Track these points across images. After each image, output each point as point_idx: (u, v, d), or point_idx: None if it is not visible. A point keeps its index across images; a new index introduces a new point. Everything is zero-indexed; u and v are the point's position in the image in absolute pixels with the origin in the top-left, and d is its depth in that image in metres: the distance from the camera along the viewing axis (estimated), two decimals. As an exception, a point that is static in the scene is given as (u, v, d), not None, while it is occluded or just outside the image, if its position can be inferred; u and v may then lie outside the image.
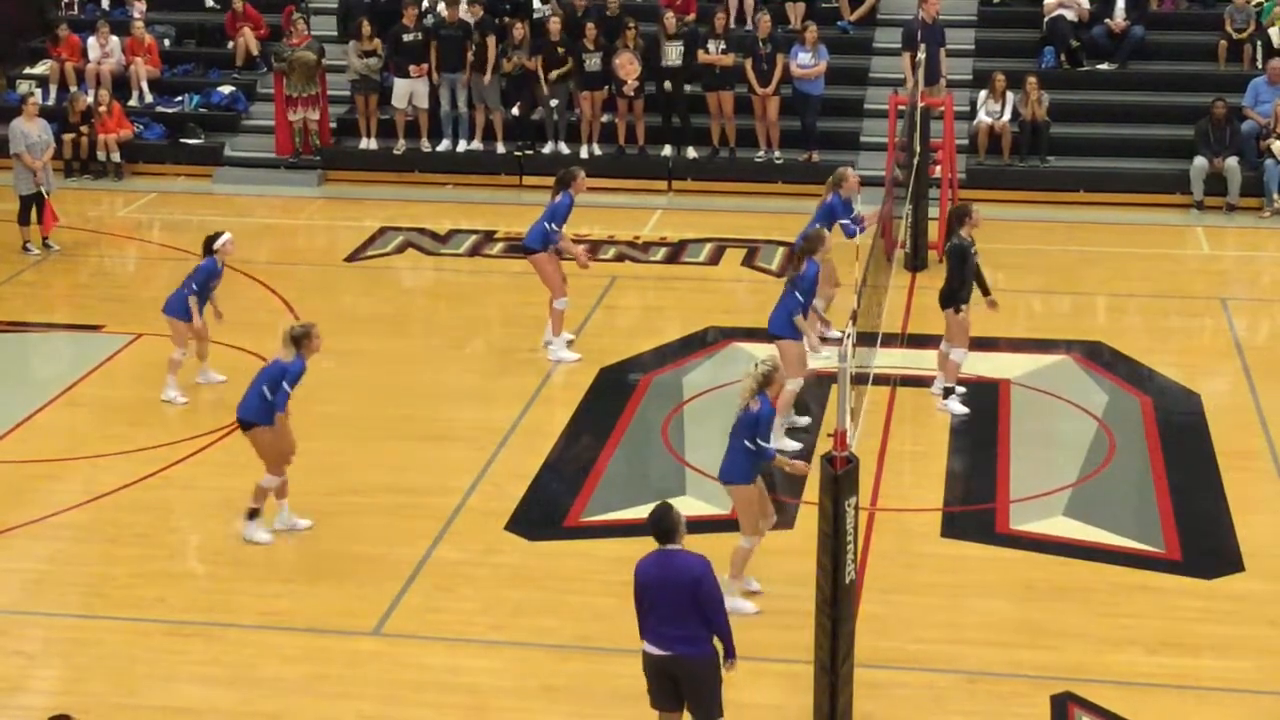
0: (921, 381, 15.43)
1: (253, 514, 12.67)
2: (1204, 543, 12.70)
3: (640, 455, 14.52)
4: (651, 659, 9.32)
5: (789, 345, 13.94)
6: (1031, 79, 21.99)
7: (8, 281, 19.00)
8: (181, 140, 23.86)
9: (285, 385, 12.39)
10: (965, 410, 14.88)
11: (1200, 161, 21.38)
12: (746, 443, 11.24)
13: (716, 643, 9.29)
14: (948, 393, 14.97)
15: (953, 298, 14.73)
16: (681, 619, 9.13)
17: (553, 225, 16.12)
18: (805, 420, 14.56)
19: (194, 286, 15.26)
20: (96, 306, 18.20)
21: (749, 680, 10.32)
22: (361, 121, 23.35)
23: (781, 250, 19.69)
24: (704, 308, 17.95)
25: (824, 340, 15.27)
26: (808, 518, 12.08)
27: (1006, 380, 15.71)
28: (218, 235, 15.36)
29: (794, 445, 14.02)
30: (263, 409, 12.40)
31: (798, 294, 14.00)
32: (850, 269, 15.24)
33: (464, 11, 22.94)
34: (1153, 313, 17.95)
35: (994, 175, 21.99)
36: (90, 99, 23.54)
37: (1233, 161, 21.27)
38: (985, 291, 15.05)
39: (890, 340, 15.79)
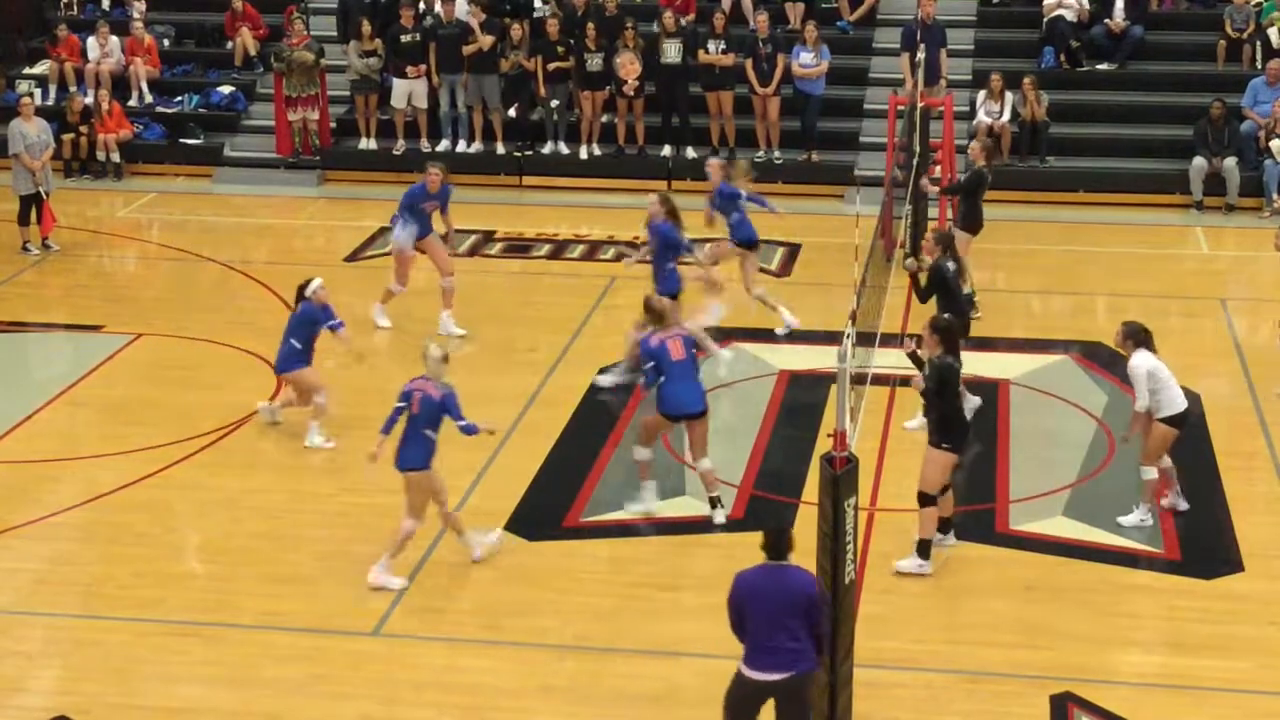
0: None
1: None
2: (1204, 543, 12.71)
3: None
4: (755, 684, 9.04)
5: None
6: (1028, 79, 21.97)
7: (7, 282, 19.00)
8: (181, 140, 23.87)
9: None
10: (976, 400, 14.73)
11: (1199, 161, 21.40)
12: (426, 432, 11.91)
13: None
14: None
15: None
16: (791, 632, 8.98)
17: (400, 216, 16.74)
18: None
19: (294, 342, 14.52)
20: (96, 306, 18.20)
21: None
22: (361, 122, 23.36)
23: (781, 250, 19.71)
24: (703, 308, 17.91)
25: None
26: (808, 518, 12.08)
27: (1006, 380, 15.70)
28: (308, 282, 14.65)
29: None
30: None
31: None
32: (850, 269, 15.21)
33: (463, 11, 22.94)
34: (1152, 313, 17.87)
35: (994, 175, 21.93)
36: (90, 99, 23.54)
37: (1230, 161, 21.28)
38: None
39: (889, 340, 15.77)
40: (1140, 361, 12.73)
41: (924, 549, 12.08)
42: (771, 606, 8.99)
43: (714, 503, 12.93)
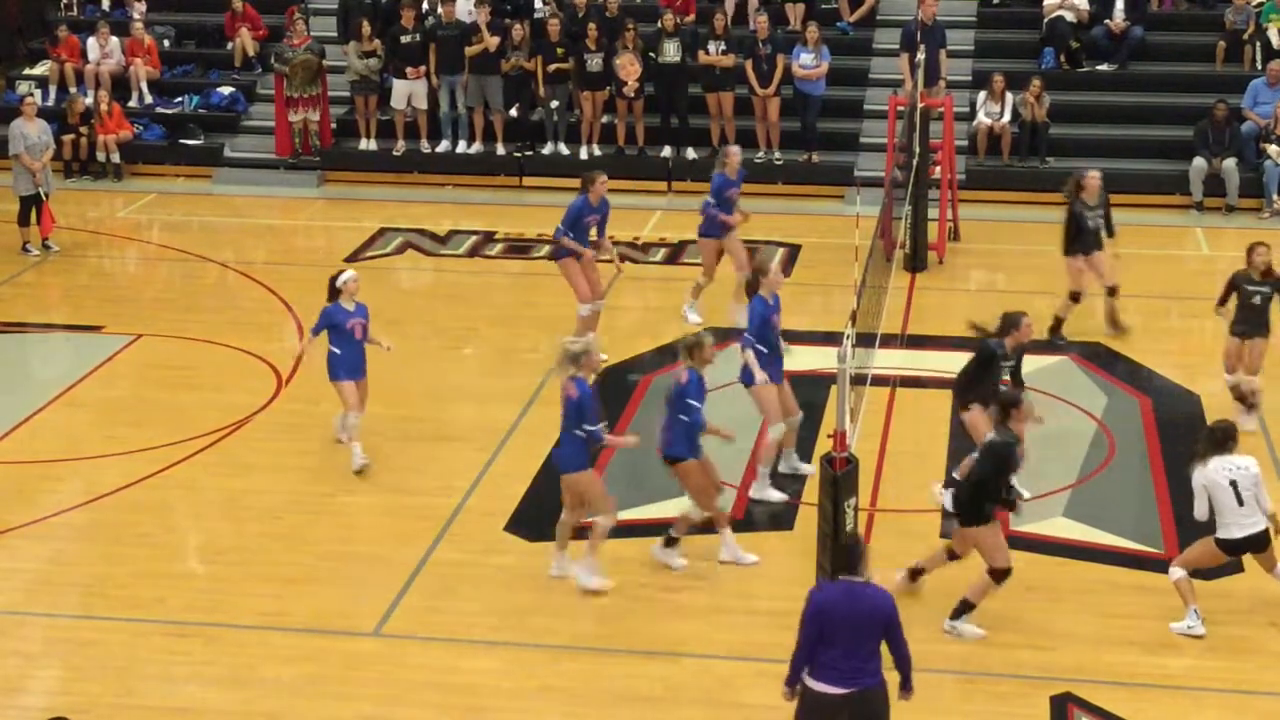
0: (921, 382, 15.42)
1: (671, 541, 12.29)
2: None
3: (640, 456, 14.48)
4: (826, 699, 8.91)
5: (759, 391, 13.19)
6: (1036, 82, 21.96)
7: (7, 282, 19.00)
8: (181, 141, 23.87)
9: (691, 401, 11.80)
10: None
11: (1199, 162, 21.40)
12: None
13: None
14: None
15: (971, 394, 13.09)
16: (868, 652, 8.88)
17: (560, 228, 15.95)
18: (808, 469, 13.43)
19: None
20: (96, 307, 18.19)
21: (749, 680, 10.32)
22: (361, 122, 23.36)
23: (781, 251, 19.71)
24: (703, 308, 17.93)
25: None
26: (808, 518, 12.08)
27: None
28: (339, 274, 14.13)
29: (779, 495, 13.29)
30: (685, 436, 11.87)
31: (747, 334, 13.21)
32: (850, 270, 15.22)
33: (463, 11, 22.94)
34: (1153, 313, 17.95)
35: (994, 176, 21.99)
36: (90, 100, 23.55)
37: (1230, 162, 21.28)
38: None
39: (889, 341, 15.78)
40: (1202, 475, 11.42)
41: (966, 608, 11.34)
42: (852, 626, 8.83)
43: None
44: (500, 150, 22.98)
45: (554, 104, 22.66)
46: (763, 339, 13.11)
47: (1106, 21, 23.30)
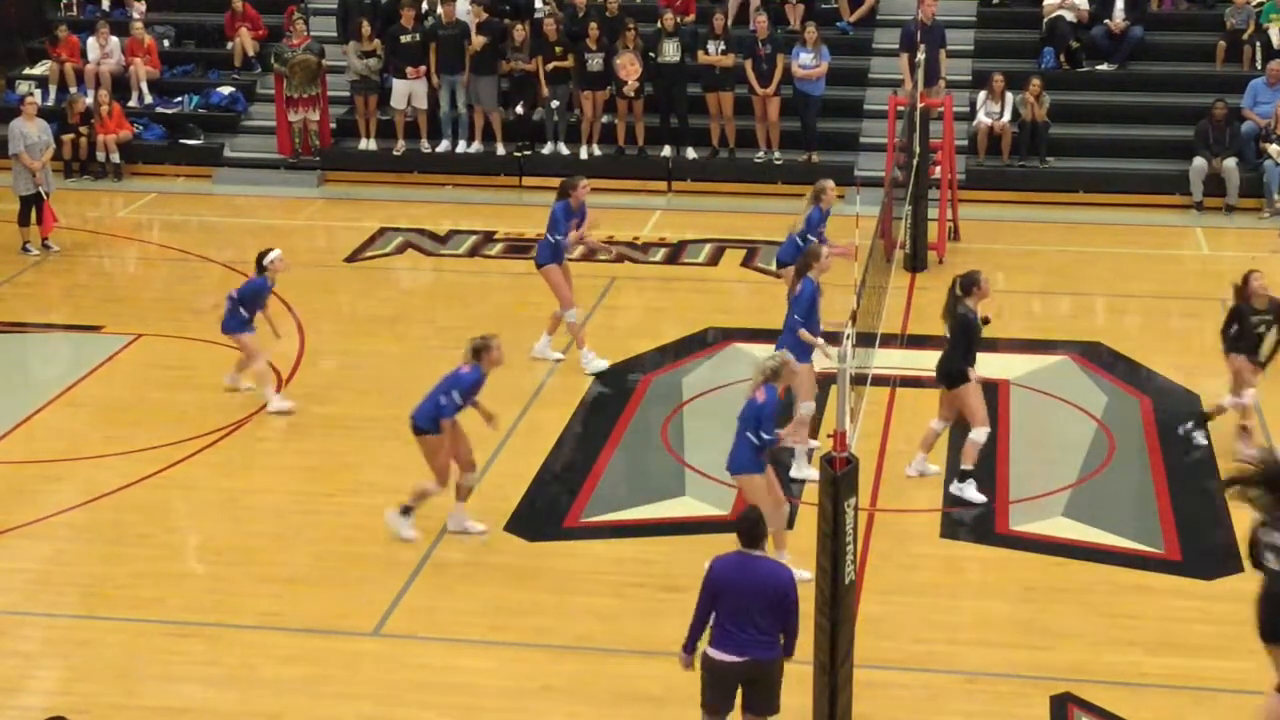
0: (921, 382, 15.41)
1: (406, 510, 12.59)
2: (1203, 543, 12.70)
3: (640, 456, 14.52)
4: (722, 665, 9.22)
5: (801, 370, 13.23)
6: (1035, 82, 21.96)
7: (7, 282, 19.00)
8: (181, 141, 23.87)
9: (456, 395, 12.24)
10: (981, 499, 13.41)
11: (1199, 162, 21.40)
12: (749, 434, 11.35)
13: None
14: (964, 476, 13.45)
15: (959, 376, 13.26)
16: (759, 623, 9.10)
17: (553, 236, 15.92)
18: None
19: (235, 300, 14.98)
20: (96, 307, 18.20)
21: (749, 680, 10.31)
22: (361, 122, 23.36)
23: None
24: (703, 308, 17.96)
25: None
26: (807, 518, 12.08)
27: (1006, 381, 15.70)
28: (267, 251, 15.16)
29: (814, 474, 12.77)
30: (435, 417, 12.32)
31: (796, 315, 13.44)
32: (850, 269, 15.23)
33: (463, 12, 22.95)
34: (1152, 313, 17.96)
35: (994, 176, 22.00)
36: (90, 100, 23.55)
37: (1230, 162, 21.29)
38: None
39: (889, 341, 15.78)
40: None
41: None
42: (744, 597, 9.10)
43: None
44: (500, 150, 22.98)
45: (554, 104, 22.67)
46: (810, 319, 13.40)
47: (1106, 21, 23.30)
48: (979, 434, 13.25)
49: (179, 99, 24.49)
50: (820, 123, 22.47)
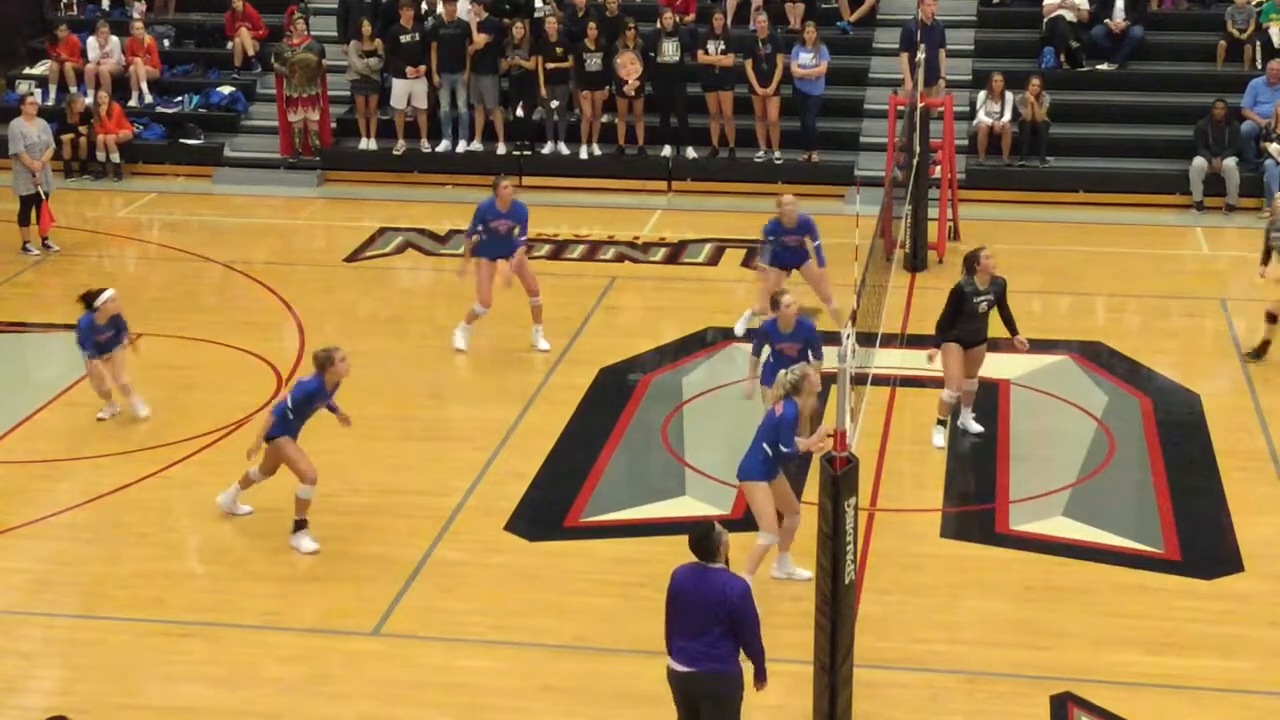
0: (921, 382, 15.42)
1: (299, 525, 12.60)
2: (1204, 543, 12.70)
3: (640, 455, 14.52)
4: (674, 675, 9.17)
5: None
6: (1035, 81, 21.97)
7: (7, 282, 19.01)
8: (181, 141, 23.88)
9: (288, 401, 12.43)
10: (941, 444, 14.20)
11: (1199, 162, 21.40)
12: (766, 446, 11.33)
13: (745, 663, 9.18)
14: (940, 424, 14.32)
15: (938, 331, 14.14)
16: (709, 635, 8.96)
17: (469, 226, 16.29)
18: (807, 574, 11.67)
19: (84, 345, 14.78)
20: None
21: (748, 680, 10.29)
22: (361, 122, 23.37)
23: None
24: (703, 308, 17.96)
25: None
26: (807, 518, 12.07)
27: (1006, 380, 15.70)
28: (99, 292, 14.76)
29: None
30: (286, 425, 12.47)
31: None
32: (850, 269, 15.24)
33: (464, 11, 22.95)
34: (1153, 313, 17.96)
35: (994, 175, 22.00)
36: (89, 99, 23.55)
37: (1230, 162, 21.29)
38: (1012, 331, 14.34)
39: (890, 340, 15.79)
40: None
41: None
42: (695, 607, 8.98)
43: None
44: (500, 150, 22.98)
45: (554, 103, 22.67)
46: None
47: (1106, 21, 23.31)
48: (948, 394, 14.17)
49: (179, 99, 24.51)
50: (820, 122, 22.47)
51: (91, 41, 24.42)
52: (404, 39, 22.78)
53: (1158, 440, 14.53)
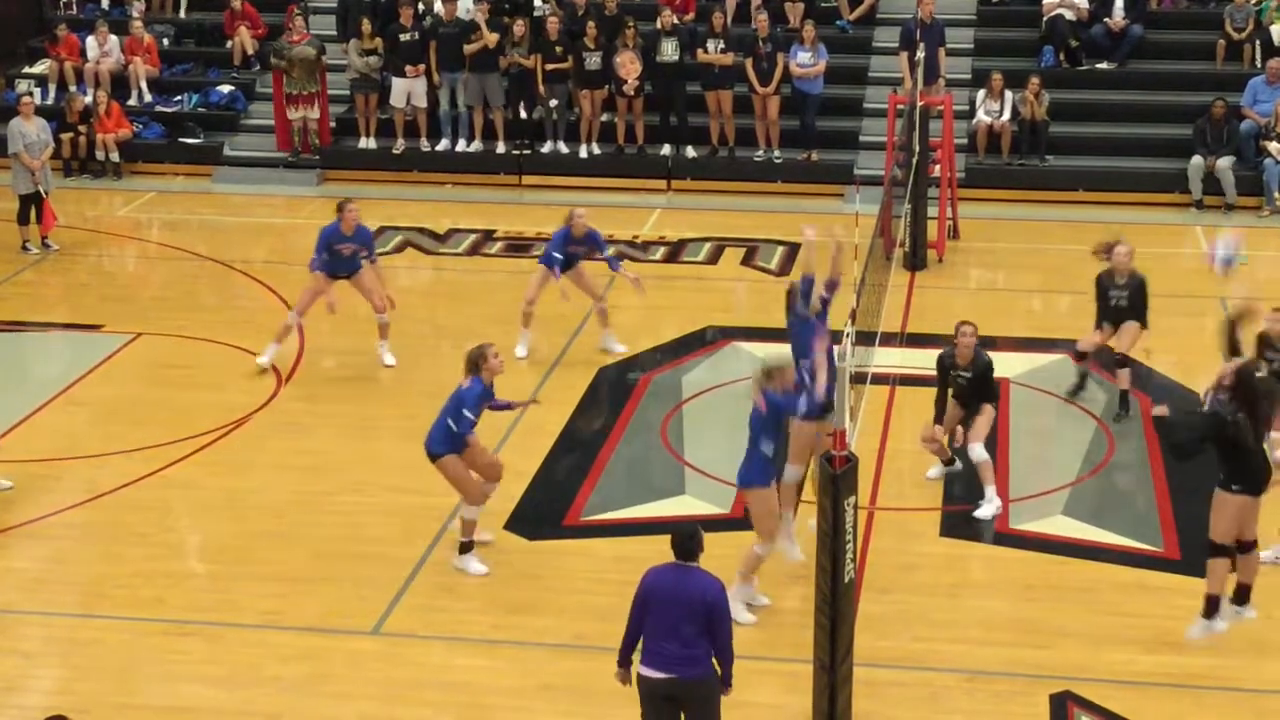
0: (921, 381, 15.40)
1: (464, 548, 12.25)
2: (1204, 543, 12.67)
3: (640, 455, 14.52)
4: (649, 682, 9.03)
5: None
6: (1034, 80, 21.97)
7: (7, 281, 19.00)
8: (180, 140, 23.87)
9: (466, 412, 11.97)
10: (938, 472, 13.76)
11: (1198, 161, 21.40)
12: (761, 447, 11.24)
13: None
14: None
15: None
16: (686, 638, 8.88)
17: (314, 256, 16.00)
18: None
19: None
20: (96, 306, 18.18)
21: (749, 680, 10.30)
22: (361, 121, 23.36)
23: (780, 250, 19.71)
24: (703, 307, 17.96)
25: None
26: (807, 517, 12.07)
27: (1006, 379, 15.68)
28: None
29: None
30: (448, 438, 12.06)
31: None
32: (850, 269, 15.22)
33: (464, 10, 22.94)
34: (1152, 313, 17.92)
35: (993, 174, 22.00)
36: (89, 98, 23.54)
37: (1224, 162, 21.29)
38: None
39: (889, 340, 15.78)
40: None
41: (1210, 606, 11.02)
42: (673, 609, 8.89)
43: None
44: (500, 149, 22.98)
45: (553, 103, 22.66)
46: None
47: (1106, 20, 23.31)
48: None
49: (178, 98, 24.50)
50: (820, 121, 22.47)
51: (91, 40, 24.42)
52: (403, 38, 22.78)
53: (1158, 440, 14.50)
